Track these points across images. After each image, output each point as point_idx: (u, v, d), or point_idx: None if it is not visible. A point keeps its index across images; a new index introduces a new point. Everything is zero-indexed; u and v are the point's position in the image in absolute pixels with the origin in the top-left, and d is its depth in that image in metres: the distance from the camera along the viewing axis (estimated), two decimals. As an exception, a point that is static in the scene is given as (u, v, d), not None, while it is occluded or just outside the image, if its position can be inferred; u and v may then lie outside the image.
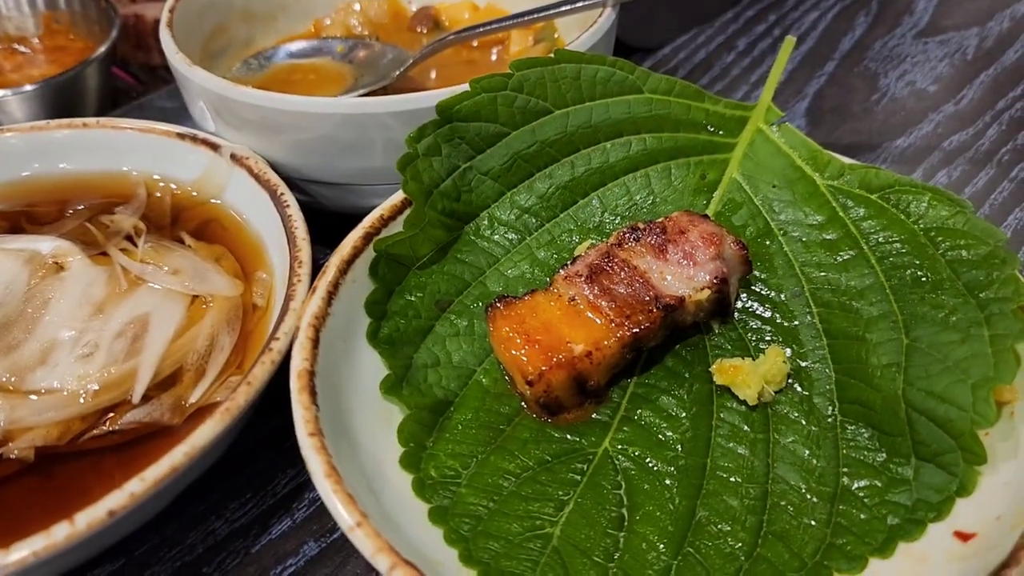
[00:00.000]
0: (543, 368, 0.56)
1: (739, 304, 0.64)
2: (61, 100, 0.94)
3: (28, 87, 0.91)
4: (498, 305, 0.59)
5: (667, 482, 0.56)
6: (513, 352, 0.57)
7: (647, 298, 0.58)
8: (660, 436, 0.58)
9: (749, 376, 0.58)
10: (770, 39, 1.13)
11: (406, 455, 0.56)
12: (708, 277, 0.59)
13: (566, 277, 0.60)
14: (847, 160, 0.67)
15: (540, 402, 0.57)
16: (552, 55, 0.67)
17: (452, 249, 0.64)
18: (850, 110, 1.00)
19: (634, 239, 0.61)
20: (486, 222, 0.65)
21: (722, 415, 0.59)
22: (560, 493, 0.55)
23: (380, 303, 0.61)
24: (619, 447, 0.58)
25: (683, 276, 0.60)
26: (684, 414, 0.59)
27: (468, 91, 0.64)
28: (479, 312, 0.63)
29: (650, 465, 0.57)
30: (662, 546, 0.53)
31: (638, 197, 0.68)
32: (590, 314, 0.58)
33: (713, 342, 0.63)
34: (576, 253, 0.64)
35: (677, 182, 0.68)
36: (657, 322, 0.58)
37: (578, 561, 0.52)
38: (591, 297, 0.59)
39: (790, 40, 0.72)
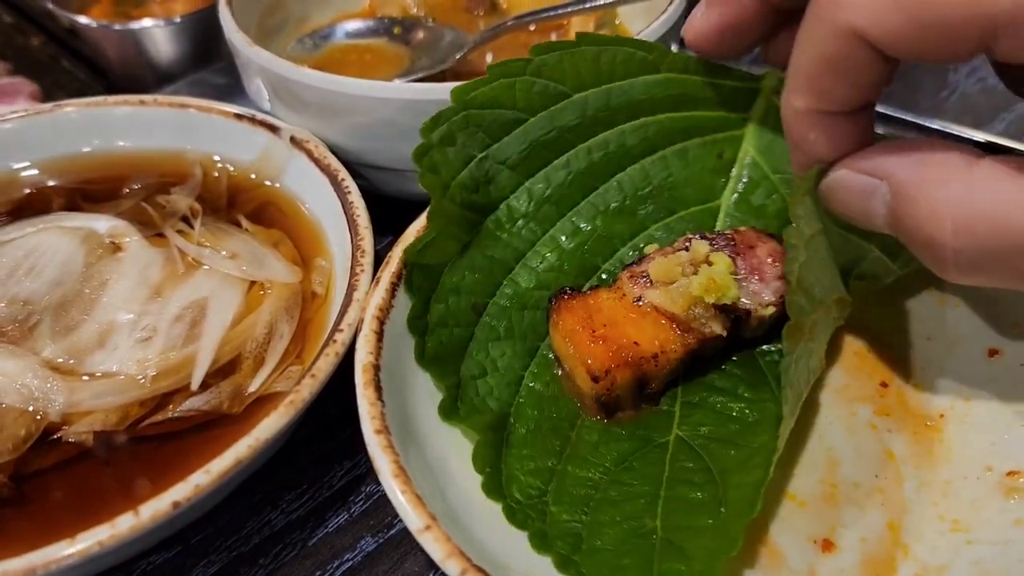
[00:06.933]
0: (611, 365, 0.54)
1: None
2: (204, 33, 1.00)
3: (177, 19, 1.00)
4: (564, 297, 0.58)
5: (747, 453, 0.53)
6: (579, 348, 0.55)
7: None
8: (727, 413, 0.57)
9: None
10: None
11: (487, 483, 0.53)
12: (773, 296, 0.57)
13: (631, 276, 0.58)
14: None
15: (601, 400, 0.56)
16: (575, 38, 0.63)
17: (476, 245, 0.61)
18: (917, 106, 0.96)
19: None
20: (505, 215, 0.62)
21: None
22: (648, 488, 0.53)
23: (420, 317, 0.57)
24: (689, 430, 0.56)
25: (749, 290, 0.58)
26: (745, 392, 0.58)
27: (485, 77, 0.61)
28: (515, 312, 0.60)
29: (726, 438, 0.55)
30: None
31: (657, 180, 0.65)
32: (656, 316, 0.56)
33: None
34: (646, 252, 0.61)
35: (695, 162, 0.66)
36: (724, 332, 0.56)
37: (691, 543, 0.49)
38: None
39: None
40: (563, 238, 0.63)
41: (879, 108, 0.96)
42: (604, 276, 0.63)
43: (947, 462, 0.55)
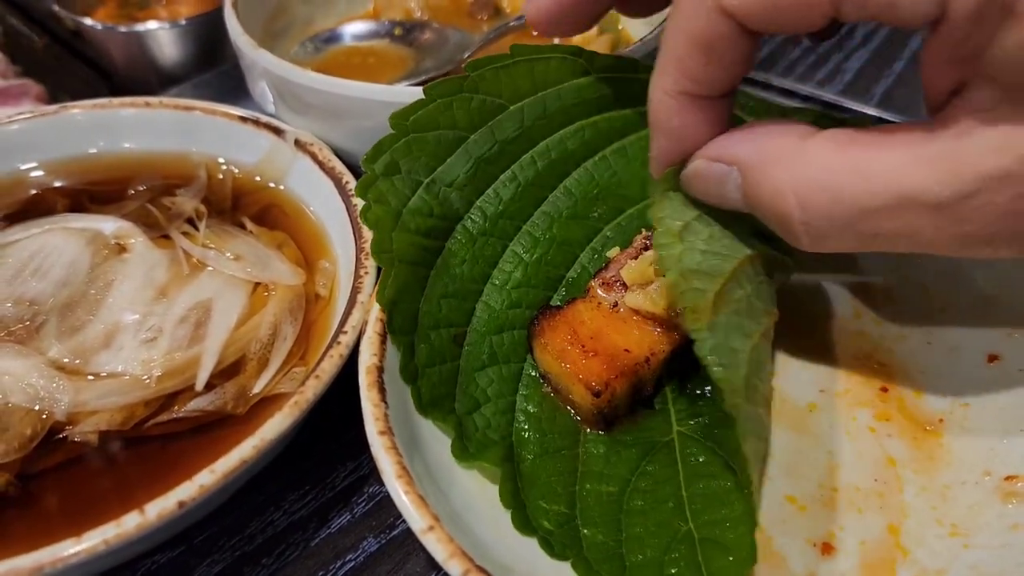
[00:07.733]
0: (609, 377, 0.54)
1: None
2: (209, 35, 1.01)
3: (182, 21, 1.01)
4: (545, 317, 0.57)
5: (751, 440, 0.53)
6: (574, 365, 0.55)
7: None
8: (719, 400, 0.56)
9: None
10: (837, 35, 1.10)
11: (516, 520, 0.52)
12: None
13: (603, 284, 0.58)
14: (789, 103, 0.65)
15: (603, 412, 0.56)
16: (510, 50, 0.63)
17: (443, 270, 0.59)
18: (919, 113, 0.96)
19: None
20: (463, 235, 0.61)
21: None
22: (669, 489, 0.53)
23: (408, 362, 0.56)
24: (689, 423, 0.57)
25: None
26: None
27: (423, 99, 0.60)
28: (494, 336, 0.60)
29: (727, 423, 0.54)
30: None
31: (603, 181, 0.66)
32: (637, 319, 0.57)
33: None
34: (609, 256, 0.61)
35: (634, 158, 0.66)
36: None
37: (728, 534, 0.50)
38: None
39: None
40: (523, 252, 0.63)
41: (881, 113, 0.97)
42: (571, 283, 0.63)
43: (946, 467, 0.56)
